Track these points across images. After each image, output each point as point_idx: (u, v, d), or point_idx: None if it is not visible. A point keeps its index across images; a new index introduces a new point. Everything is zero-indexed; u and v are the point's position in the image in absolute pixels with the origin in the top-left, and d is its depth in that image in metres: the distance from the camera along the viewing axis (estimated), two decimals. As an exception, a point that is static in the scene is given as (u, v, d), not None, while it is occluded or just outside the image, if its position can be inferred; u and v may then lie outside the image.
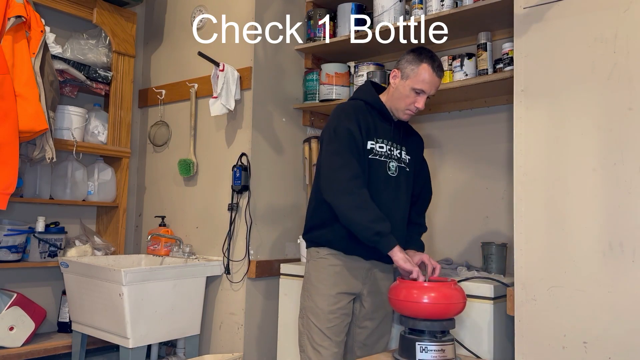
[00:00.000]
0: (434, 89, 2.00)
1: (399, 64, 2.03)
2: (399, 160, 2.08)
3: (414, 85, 1.97)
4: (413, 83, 1.97)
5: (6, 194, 2.30)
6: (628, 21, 1.71)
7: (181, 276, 2.55)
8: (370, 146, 2.00)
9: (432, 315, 1.77)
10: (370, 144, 2.00)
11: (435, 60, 1.98)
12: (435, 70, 1.97)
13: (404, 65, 2.00)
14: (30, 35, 2.47)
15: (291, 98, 2.96)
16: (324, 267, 2.04)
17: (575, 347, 1.73)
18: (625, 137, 1.69)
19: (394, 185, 2.03)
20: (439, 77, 2.00)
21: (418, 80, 1.96)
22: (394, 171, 2.05)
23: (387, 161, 2.04)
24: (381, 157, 2.02)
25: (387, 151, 2.04)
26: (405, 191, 2.09)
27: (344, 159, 1.92)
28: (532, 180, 1.86)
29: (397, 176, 2.05)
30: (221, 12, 2.94)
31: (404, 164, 2.10)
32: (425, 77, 1.96)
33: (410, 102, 2.00)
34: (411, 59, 1.99)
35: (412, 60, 1.98)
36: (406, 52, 2.04)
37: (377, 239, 1.86)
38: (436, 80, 1.99)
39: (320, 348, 1.98)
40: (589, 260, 1.73)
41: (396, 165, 2.06)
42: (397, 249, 1.87)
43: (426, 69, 1.96)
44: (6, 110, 2.29)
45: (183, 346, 2.72)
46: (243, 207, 2.71)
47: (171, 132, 3.12)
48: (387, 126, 2.08)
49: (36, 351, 2.52)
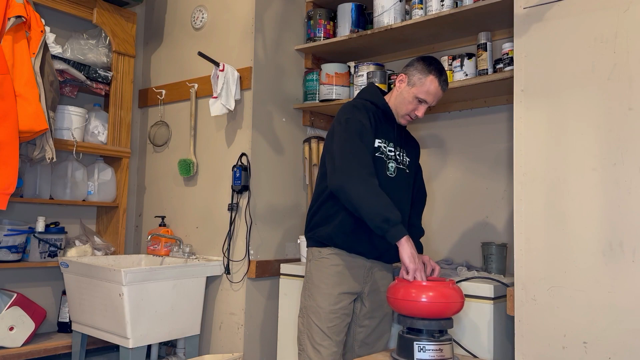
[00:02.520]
0: (436, 100, 2.06)
1: (407, 69, 2.06)
2: (398, 162, 2.10)
3: (418, 94, 2.02)
4: (418, 92, 2.02)
5: (6, 194, 2.30)
6: (628, 21, 1.71)
7: (181, 276, 2.55)
8: (378, 144, 2.03)
9: (430, 314, 1.78)
10: (378, 142, 2.03)
11: (442, 74, 2.03)
12: (441, 84, 2.02)
13: (412, 72, 2.04)
14: (30, 35, 2.47)
15: (291, 98, 2.96)
16: (326, 266, 2.04)
17: (575, 347, 1.73)
18: (625, 137, 1.69)
19: (391, 186, 2.04)
20: (443, 90, 2.05)
21: (423, 90, 2.01)
22: (392, 172, 2.06)
23: (387, 161, 2.06)
24: (383, 156, 2.04)
25: (388, 151, 2.07)
26: (404, 192, 2.10)
27: (356, 147, 1.92)
28: (532, 180, 1.86)
29: (395, 177, 2.07)
30: (221, 12, 2.94)
31: (403, 165, 2.12)
32: (430, 89, 2.01)
33: (411, 108, 2.05)
34: (420, 68, 2.02)
35: (421, 70, 2.02)
36: (416, 58, 2.08)
37: (386, 227, 1.82)
38: (440, 93, 2.04)
39: (320, 347, 1.99)
40: (589, 260, 1.73)
41: (395, 166, 2.08)
42: (405, 240, 1.82)
43: (433, 81, 2.00)
44: (6, 110, 2.29)
45: (183, 346, 2.72)
46: (243, 207, 2.71)
47: (171, 132, 3.12)
48: (390, 127, 2.11)
49: (36, 351, 2.52)
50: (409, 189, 2.13)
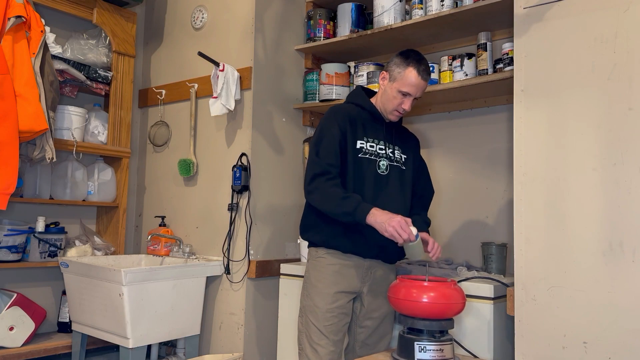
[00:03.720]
0: (420, 91, 2.04)
1: (388, 66, 2.09)
2: (391, 159, 2.11)
3: (401, 88, 2.02)
4: (399, 86, 2.02)
5: (6, 194, 2.30)
6: (628, 21, 1.71)
7: (181, 276, 2.55)
8: (360, 145, 2.05)
9: (431, 314, 1.78)
10: (360, 143, 2.05)
11: (421, 63, 2.02)
12: (420, 74, 2.01)
13: (392, 67, 2.06)
14: (30, 35, 2.47)
15: (291, 98, 2.96)
16: (322, 266, 2.06)
17: (575, 347, 1.73)
18: (625, 137, 1.69)
19: (384, 183, 2.06)
20: (425, 80, 2.04)
21: (404, 83, 2.01)
22: (384, 169, 2.07)
23: (377, 160, 2.07)
24: (371, 156, 2.06)
25: (377, 150, 2.08)
26: (399, 189, 2.10)
27: (311, 162, 2.01)
28: (532, 180, 1.86)
29: (388, 174, 2.08)
30: (221, 12, 2.94)
31: (397, 162, 2.12)
32: (411, 81, 2.00)
33: (397, 103, 2.05)
34: (398, 62, 2.04)
35: (400, 64, 2.03)
36: (395, 54, 2.09)
37: (351, 218, 1.90)
38: (422, 83, 2.03)
39: (317, 346, 2.00)
40: (589, 260, 1.73)
41: (387, 163, 2.09)
42: (370, 214, 1.86)
43: (412, 72, 2.01)
44: (6, 110, 2.29)
45: (183, 346, 2.72)
46: (243, 207, 2.71)
47: (171, 132, 3.12)
48: (379, 127, 2.12)
49: (36, 351, 2.52)
50: (405, 184, 2.13)
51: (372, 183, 2.02)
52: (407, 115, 2.89)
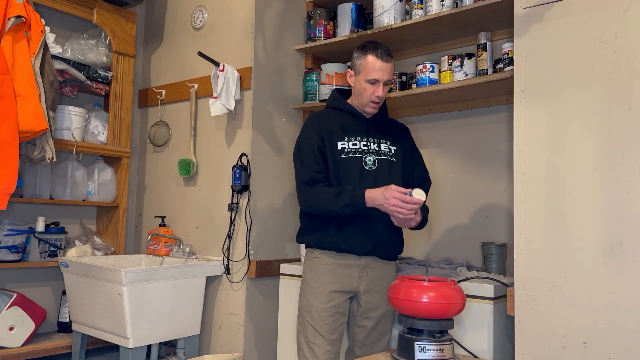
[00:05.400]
0: (386, 74, 2.06)
1: (351, 64, 2.14)
2: (378, 153, 2.11)
3: (367, 77, 2.06)
4: (365, 76, 2.06)
5: (6, 194, 2.30)
6: (628, 21, 1.71)
7: (181, 276, 2.55)
8: (342, 146, 2.08)
9: (431, 314, 1.77)
10: (341, 144, 2.09)
11: (378, 47, 2.07)
12: (380, 57, 2.05)
13: (354, 63, 2.12)
14: (30, 35, 2.47)
15: (291, 98, 2.96)
16: (317, 266, 2.08)
17: (575, 347, 1.73)
18: (625, 137, 1.69)
19: (372, 177, 2.07)
20: (387, 61, 2.06)
21: (368, 71, 2.05)
22: (371, 165, 2.09)
23: (363, 156, 2.09)
24: (355, 154, 2.08)
25: (361, 147, 2.10)
26: (388, 178, 2.08)
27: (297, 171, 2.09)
28: (532, 180, 1.86)
29: (377, 168, 2.09)
30: (221, 12, 2.94)
31: (385, 155, 2.12)
32: (374, 66, 2.04)
33: (370, 93, 2.08)
34: (357, 55, 2.11)
35: (358, 56, 2.09)
36: None
37: (351, 209, 1.96)
38: (385, 65, 2.05)
39: (314, 346, 2.01)
40: (589, 260, 1.73)
41: (374, 158, 2.10)
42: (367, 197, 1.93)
43: (371, 59, 2.05)
44: (6, 110, 2.29)
45: (183, 346, 2.72)
46: (243, 207, 2.71)
47: (171, 132, 3.12)
48: (359, 124, 2.14)
49: (36, 351, 2.52)
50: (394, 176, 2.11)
51: (359, 180, 2.04)
52: (407, 116, 2.90)
